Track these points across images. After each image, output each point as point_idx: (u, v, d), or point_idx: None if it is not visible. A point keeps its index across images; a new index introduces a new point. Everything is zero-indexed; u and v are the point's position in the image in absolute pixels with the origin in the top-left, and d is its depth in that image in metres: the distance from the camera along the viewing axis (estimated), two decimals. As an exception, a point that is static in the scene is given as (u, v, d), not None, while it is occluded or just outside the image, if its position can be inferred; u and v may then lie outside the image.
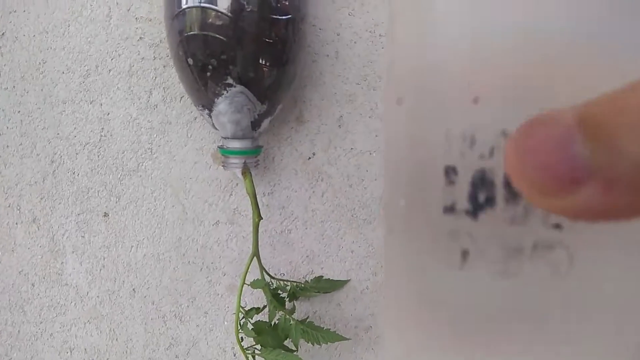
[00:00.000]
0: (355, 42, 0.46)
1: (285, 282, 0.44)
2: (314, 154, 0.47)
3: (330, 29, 0.46)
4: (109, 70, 0.46)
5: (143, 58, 0.46)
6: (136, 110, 0.46)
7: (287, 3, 0.38)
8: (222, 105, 0.39)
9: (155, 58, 0.46)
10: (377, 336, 0.47)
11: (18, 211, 0.47)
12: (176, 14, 0.37)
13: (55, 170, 0.47)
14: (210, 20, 0.36)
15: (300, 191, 0.47)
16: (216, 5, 0.36)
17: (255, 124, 0.41)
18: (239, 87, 0.38)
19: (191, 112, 0.46)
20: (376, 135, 0.47)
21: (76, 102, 0.46)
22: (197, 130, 0.47)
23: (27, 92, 0.46)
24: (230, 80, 0.38)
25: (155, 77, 0.46)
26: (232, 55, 0.37)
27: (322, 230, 0.47)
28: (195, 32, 0.37)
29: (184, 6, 0.37)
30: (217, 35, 0.36)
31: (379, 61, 0.46)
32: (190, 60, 0.38)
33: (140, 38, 0.46)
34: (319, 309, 0.47)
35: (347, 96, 0.47)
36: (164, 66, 0.46)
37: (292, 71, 0.40)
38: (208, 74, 0.38)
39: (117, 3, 0.46)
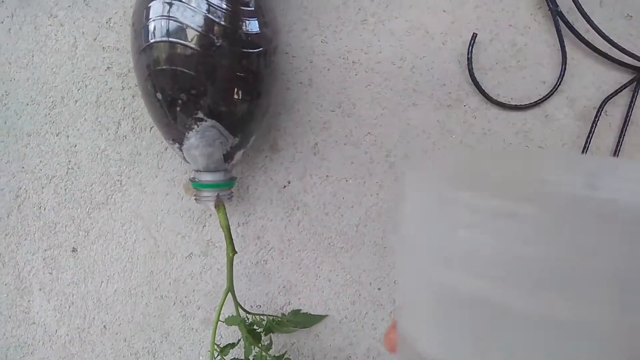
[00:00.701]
0: (328, 69, 0.46)
1: (262, 317, 0.43)
2: (289, 182, 0.46)
3: (304, 57, 0.46)
4: (76, 101, 0.45)
5: (111, 88, 0.45)
6: (104, 142, 0.45)
7: (257, 36, 0.37)
8: (193, 139, 0.38)
9: (123, 88, 0.45)
10: (357, 366, 0.46)
11: (-19, 249, 0.45)
12: (143, 48, 0.36)
13: (20, 205, 0.45)
14: (178, 54, 0.35)
15: (275, 220, 0.46)
16: (184, 40, 0.35)
17: (227, 157, 0.40)
18: (210, 121, 0.37)
19: (161, 142, 0.45)
20: (352, 162, 0.46)
21: (41, 135, 0.45)
22: (168, 161, 0.45)
23: (-10, 125, 0.45)
24: (200, 115, 0.37)
25: (124, 108, 0.45)
26: (202, 90, 0.36)
27: (298, 260, 0.46)
28: (164, 67, 0.36)
29: (151, 40, 0.36)
30: (186, 70, 0.36)
31: (352, 88, 0.46)
32: (159, 95, 0.37)
33: (108, 68, 0.45)
34: (297, 341, 0.46)
35: (322, 123, 0.46)
36: (133, 96, 0.45)
37: (265, 103, 0.40)
38: (178, 108, 0.37)
39: (82, 32, 0.44)
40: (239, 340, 0.43)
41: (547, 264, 0.15)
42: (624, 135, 0.45)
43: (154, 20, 0.36)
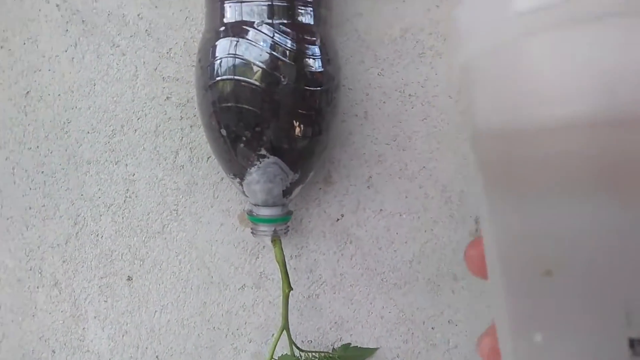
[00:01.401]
0: (384, 102, 0.46)
1: (314, 355, 0.42)
2: (342, 215, 0.46)
3: (359, 89, 0.45)
4: (135, 130, 0.45)
5: (170, 118, 0.45)
6: (162, 171, 0.46)
7: (321, 74, 0.37)
8: (254, 174, 0.38)
9: (182, 118, 0.45)
10: (407, 405, 0.45)
11: (39, 274, 0.46)
12: (209, 85, 0.36)
13: (78, 232, 0.46)
14: (244, 92, 0.35)
15: (328, 254, 0.46)
16: (251, 78, 0.35)
17: (286, 192, 0.40)
18: (272, 158, 0.37)
19: (218, 172, 0.45)
20: (406, 197, 0.46)
21: (101, 163, 0.45)
22: (223, 191, 0.46)
23: (51, 152, 0.45)
24: (263, 151, 0.37)
25: (182, 137, 0.45)
26: (266, 127, 0.36)
27: (351, 295, 0.46)
28: (229, 104, 0.36)
29: (217, 78, 0.36)
30: (252, 108, 0.36)
31: (408, 121, 0.45)
32: (224, 131, 0.37)
33: (167, 98, 0.45)
34: (347, 378, 0.45)
35: (377, 156, 0.46)
36: (191, 126, 0.45)
37: (325, 139, 0.40)
38: (241, 144, 0.37)
39: (143, 62, 0.45)
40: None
41: None
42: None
43: (220, 58, 0.36)
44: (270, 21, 0.35)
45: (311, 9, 0.37)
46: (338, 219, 0.46)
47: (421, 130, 0.46)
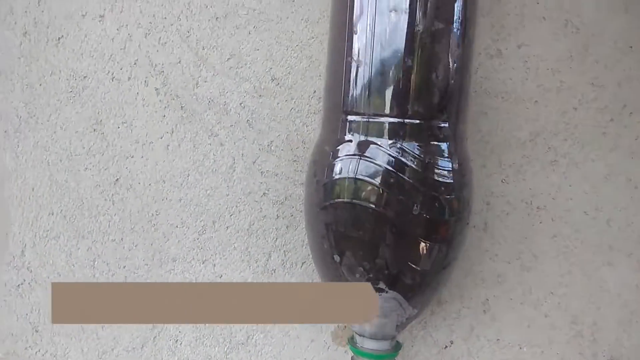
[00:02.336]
0: (507, 214, 0.40)
1: None
2: (451, 342, 0.40)
3: (479, 197, 0.40)
4: (227, 227, 0.41)
5: (265, 216, 0.41)
6: (252, 274, 0.41)
7: (456, 201, 0.32)
8: (366, 308, 0.33)
9: (278, 217, 0.41)
10: None
11: (112, 380, 0.42)
12: (325, 205, 0.32)
13: (156, 337, 0.42)
14: (368, 219, 0.30)
15: (433, 386, 0.40)
16: (377, 205, 0.30)
17: (400, 327, 0.34)
18: (391, 293, 0.32)
19: (311, 280, 0.41)
20: (528, 326, 0.39)
21: (187, 261, 0.42)
22: (317, 302, 0.41)
23: (136, 246, 0.42)
24: (382, 285, 0.32)
25: (276, 239, 0.41)
26: (388, 260, 0.31)
27: None
28: (348, 231, 0.31)
29: (336, 199, 0.31)
30: (375, 237, 0.31)
31: (535, 237, 0.39)
32: (337, 257, 0.32)
33: (264, 194, 0.41)
34: None
35: (496, 276, 0.40)
36: (287, 227, 0.41)
37: (451, 271, 0.34)
38: (357, 275, 0.32)
39: (242, 154, 0.41)
40: None
41: None
42: None
43: (341, 178, 0.31)
44: (401, 142, 0.30)
45: (447, 125, 0.32)
46: (446, 346, 0.40)
47: (550, 249, 0.39)
